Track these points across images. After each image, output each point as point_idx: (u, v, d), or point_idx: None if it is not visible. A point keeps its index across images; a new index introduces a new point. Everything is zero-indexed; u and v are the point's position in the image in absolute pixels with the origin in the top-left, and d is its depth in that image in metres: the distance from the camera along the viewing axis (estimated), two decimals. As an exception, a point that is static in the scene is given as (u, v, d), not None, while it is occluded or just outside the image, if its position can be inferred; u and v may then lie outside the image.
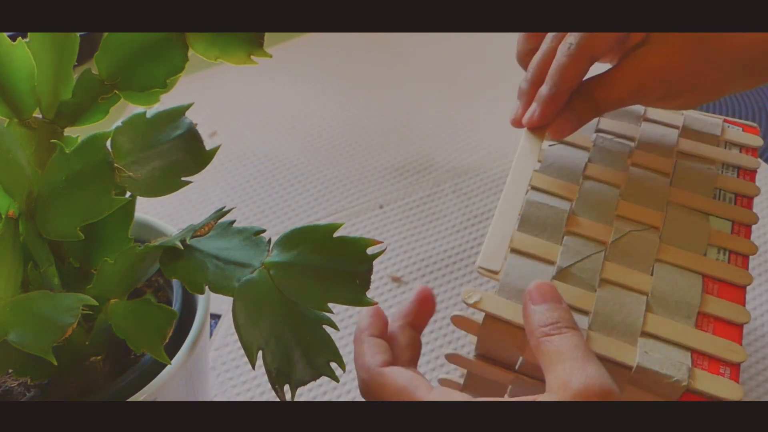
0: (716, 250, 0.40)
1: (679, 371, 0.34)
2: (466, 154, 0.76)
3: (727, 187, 0.43)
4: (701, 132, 0.47)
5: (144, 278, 0.37)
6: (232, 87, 0.86)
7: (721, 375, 0.34)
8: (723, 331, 0.36)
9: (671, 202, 0.42)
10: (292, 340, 0.32)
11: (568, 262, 0.38)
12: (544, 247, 0.39)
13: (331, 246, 0.33)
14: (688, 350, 0.35)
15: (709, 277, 0.38)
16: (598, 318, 0.36)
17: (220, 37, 0.35)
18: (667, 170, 0.44)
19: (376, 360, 0.36)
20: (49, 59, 0.36)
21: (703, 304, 0.37)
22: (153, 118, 0.37)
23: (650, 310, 0.37)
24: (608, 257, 0.39)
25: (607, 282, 0.38)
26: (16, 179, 0.33)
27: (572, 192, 0.42)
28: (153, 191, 0.35)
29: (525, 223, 0.40)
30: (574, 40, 0.39)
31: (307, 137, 0.78)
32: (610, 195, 0.42)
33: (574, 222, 0.40)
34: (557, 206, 0.41)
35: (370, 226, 0.67)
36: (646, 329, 0.36)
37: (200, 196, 0.71)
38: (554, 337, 0.33)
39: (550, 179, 0.43)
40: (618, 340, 0.35)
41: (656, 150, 0.45)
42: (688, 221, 0.41)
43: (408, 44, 0.93)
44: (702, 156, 0.45)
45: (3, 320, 0.30)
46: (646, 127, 0.47)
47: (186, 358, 0.36)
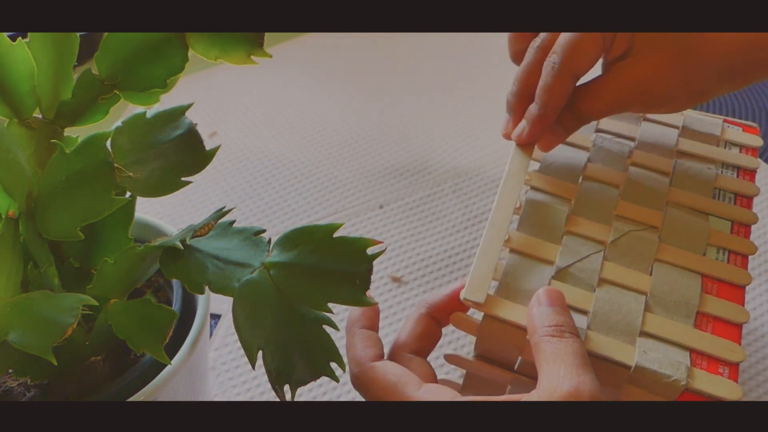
0: (715, 249, 0.40)
1: (677, 371, 0.34)
2: (466, 154, 0.76)
3: (726, 187, 0.43)
4: (701, 132, 0.47)
5: (144, 278, 0.37)
6: (232, 87, 0.86)
7: (720, 375, 0.34)
8: (722, 330, 0.36)
9: (671, 202, 0.42)
10: (292, 340, 0.32)
11: (567, 262, 0.38)
12: (543, 246, 0.39)
13: (331, 246, 0.33)
14: (686, 350, 0.35)
15: (709, 276, 0.38)
16: (596, 318, 0.36)
17: (220, 37, 0.35)
18: (667, 170, 0.44)
19: (368, 354, 0.36)
20: (49, 59, 0.36)
21: (702, 304, 0.37)
22: (153, 118, 0.37)
23: (649, 310, 0.37)
24: (607, 257, 0.39)
25: (606, 282, 0.38)
26: (16, 179, 0.33)
27: (571, 192, 0.42)
28: (153, 191, 0.35)
29: (524, 223, 0.40)
30: (557, 59, 0.40)
31: (307, 137, 0.78)
32: (610, 195, 0.42)
33: (573, 222, 0.40)
34: (556, 206, 0.41)
35: (370, 226, 0.67)
36: (645, 329, 0.36)
37: (200, 196, 0.71)
38: (555, 338, 0.33)
39: (550, 179, 0.43)
40: (617, 339, 0.35)
41: (656, 150, 0.45)
42: (687, 221, 0.41)
43: (408, 44, 0.93)
44: (702, 156, 0.45)
45: (3, 320, 0.30)
46: (646, 127, 0.47)
47: (186, 358, 0.36)
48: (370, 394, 0.35)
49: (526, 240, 0.39)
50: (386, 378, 0.34)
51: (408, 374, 0.35)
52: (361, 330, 0.38)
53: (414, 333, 0.39)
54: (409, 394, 0.33)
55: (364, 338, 0.37)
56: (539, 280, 0.37)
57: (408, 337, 0.38)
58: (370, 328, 0.38)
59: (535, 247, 0.39)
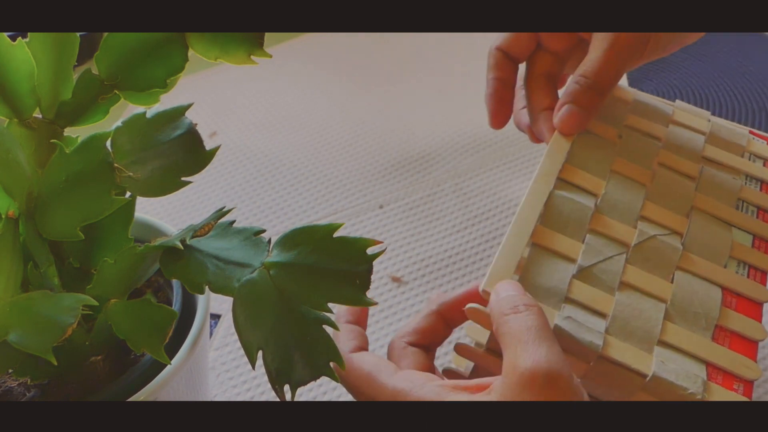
0: (736, 263, 0.39)
1: (694, 384, 0.33)
2: (466, 154, 0.76)
3: (750, 199, 0.42)
4: (727, 141, 0.46)
5: (144, 278, 0.37)
6: (232, 87, 0.86)
7: (735, 391, 0.33)
8: (739, 346, 0.35)
9: (696, 208, 0.41)
10: (292, 340, 0.32)
11: (589, 262, 0.37)
12: (566, 243, 0.38)
13: (331, 246, 0.33)
14: (703, 363, 0.34)
15: (728, 290, 0.38)
16: (615, 322, 0.35)
17: (220, 37, 0.35)
18: (694, 174, 0.43)
19: (348, 346, 0.37)
20: (49, 59, 0.36)
21: (721, 318, 0.36)
22: (153, 118, 0.37)
23: (668, 319, 0.36)
24: (630, 260, 0.38)
25: (628, 286, 0.37)
26: (16, 179, 0.33)
27: (598, 187, 0.41)
28: (153, 191, 0.35)
29: (548, 217, 0.39)
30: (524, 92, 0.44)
31: (307, 137, 0.78)
32: (636, 193, 0.41)
33: (597, 220, 0.39)
34: (582, 202, 0.40)
35: (370, 226, 0.67)
36: (663, 338, 0.35)
37: (200, 196, 0.71)
38: (510, 316, 0.32)
39: (578, 172, 0.41)
40: (634, 346, 0.34)
41: (682, 153, 0.44)
42: (711, 230, 0.40)
43: (408, 44, 0.93)
44: (727, 165, 0.44)
45: (3, 320, 0.30)
46: (673, 129, 0.46)
47: (186, 358, 0.36)
48: (347, 384, 0.36)
49: (550, 235, 0.38)
50: (361, 367, 0.35)
51: (383, 362, 0.35)
52: (345, 324, 0.39)
53: (418, 326, 0.39)
54: (382, 381, 0.34)
55: (346, 332, 0.38)
56: (560, 278, 0.37)
57: (410, 328, 0.39)
58: (355, 323, 0.39)
59: (558, 243, 0.38)
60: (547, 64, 0.47)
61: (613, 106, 0.46)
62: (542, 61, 0.47)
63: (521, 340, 0.31)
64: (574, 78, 0.42)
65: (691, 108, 0.48)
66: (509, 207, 0.69)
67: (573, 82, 0.42)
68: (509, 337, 0.32)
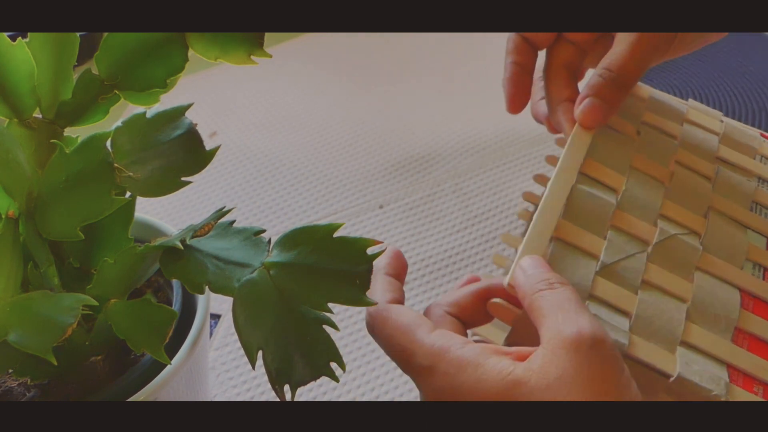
0: (752, 265, 0.39)
1: (718, 386, 0.33)
2: (466, 154, 0.76)
3: (764, 201, 0.42)
4: (740, 142, 0.46)
5: (144, 278, 0.37)
6: (232, 87, 0.86)
7: (755, 393, 0.33)
8: (757, 348, 0.35)
9: (713, 208, 0.41)
10: (292, 340, 0.32)
11: (612, 259, 0.37)
12: (588, 239, 0.37)
13: (331, 246, 0.33)
14: (724, 365, 0.34)
15: (746, 292, 0.37)
16: (639, 321, 0.35)
17: (220, 37, 0.35)
18: (710, 174, 0.43)
19: (386, 297, 0.35)
20: (49, 59, 0.36)
21: (740, 320, 0.36)
22: (153, 118, 0.37)
23: (690, 320, 0.35)
24: (651, 258, 0.37)
25: (650, 285, 0.36)
26: (16, 179, 0.33)
27: (619, 183, 0.40)
28: (153, 191, 0.35)
29: (571, 213, 0.38)
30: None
31: (307, 137, 0.78)
32: (655, 191, 0.41)
33: (618, 217, 0.39)
34: (604, 198, 0.39)
35: (370, 226, 0.67)
36: (686, 338, 0.35)
37: (200, 196, 0.71)
38: (546, 292, 0.32)
39: (600, 167, 0.41)
40: (658, 346, 0.34)
41: (698, 152, 0.44)
42: (728, 232, 0.40)
43: (408, 44, 0.93)
44: (741, 166, 0.44)
45: (3, 320, 0.30)
46: (688, 128, 0.46)
47: (186, 358, 0.36)
48: (381, 334, 0.34)
49: (573, 230, 0.38)
50: (399, 319, 0.34)
51: (422, 318, 0.34)
52: (384, 276, 0.37)
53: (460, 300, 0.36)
54: (420, 336, 0.33)
55: (385, 283, 0.36)
56: (584, 274, 0.36)
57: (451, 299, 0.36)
58: (394, 277, 0.37)
59: (581, 239, 0.37)
60: (568, 54, 0.45)
61: (630, 102, 0.46)
62: (563, 52, 0.45)
63: (563, 308, 0.31)
64: (598, 71, 0.42)
65: (704, 108, 0.48)
66: (509, 207, 0.69)
67: (596, 75, 0.41)
68: (548, 308, 0.31)
